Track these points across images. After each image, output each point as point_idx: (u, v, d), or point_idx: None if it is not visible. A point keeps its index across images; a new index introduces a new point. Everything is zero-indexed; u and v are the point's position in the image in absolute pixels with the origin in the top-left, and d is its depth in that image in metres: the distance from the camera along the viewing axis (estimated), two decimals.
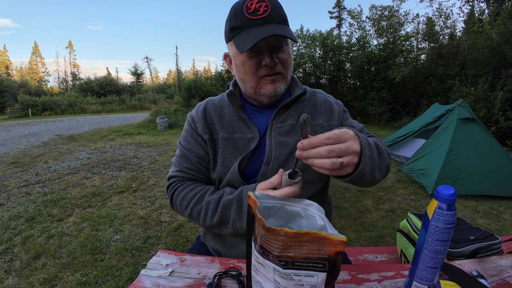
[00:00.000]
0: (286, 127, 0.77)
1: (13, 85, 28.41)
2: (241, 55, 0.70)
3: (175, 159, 0.84)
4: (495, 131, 6.37)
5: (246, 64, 0.70)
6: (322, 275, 0.37)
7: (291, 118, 0.78)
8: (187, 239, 2.30)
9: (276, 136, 0.76)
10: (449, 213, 0.46)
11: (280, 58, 0.71)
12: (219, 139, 0.77)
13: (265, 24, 0.65)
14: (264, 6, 0.65)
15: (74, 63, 45.54)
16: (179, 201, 0.77)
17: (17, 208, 2.92)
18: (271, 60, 0.67)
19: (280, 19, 0.67)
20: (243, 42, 0.65)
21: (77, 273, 1.84)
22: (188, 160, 0.81)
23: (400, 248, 1.16)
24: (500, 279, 0.59)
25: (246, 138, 0.76)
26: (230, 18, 0.69)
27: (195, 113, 0.82)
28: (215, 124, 0.79)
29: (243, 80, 0.75)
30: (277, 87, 0.72)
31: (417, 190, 3.47)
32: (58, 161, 5.02)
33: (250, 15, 0.65)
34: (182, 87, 15.22)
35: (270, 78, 0.71)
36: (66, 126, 11.16)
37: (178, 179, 0.81)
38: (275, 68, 0.70)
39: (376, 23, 10.67)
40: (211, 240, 0.86)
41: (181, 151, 0.82)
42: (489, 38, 8.19)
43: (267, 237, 0.37)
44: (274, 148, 0.75)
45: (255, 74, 0.71)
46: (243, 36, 0.66)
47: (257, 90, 0.74)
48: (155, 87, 34.26)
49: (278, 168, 0.73)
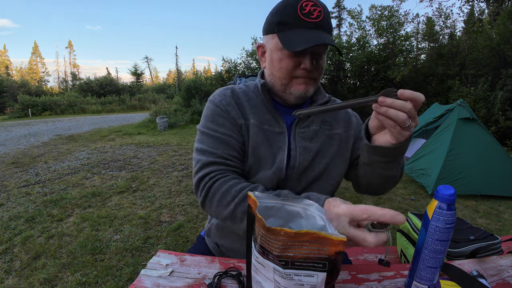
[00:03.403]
0: (309, 132, 0.76)
1: (13, 85, 28.40)
2: (281, 52, 0.68)
3: (204, 146, 0.71)
4: (495, 131, 6.37)
5: (283, 62, 0.69)
6: (322, 275, 0.37)
7: (314, 124, 0.77)
8: (187, 239, 2.30)
9: (300, 140, 0.75)
10: (449, 213, 0.46)
11: (318, 65, 0.71)
12: (250, 125, 0.73)
13: (314, 29, 0.65)
14: (318, 11, 0.65)
15: (74, 63, 45.54)
16: (219, 195, 0.64)
17: (17, 208, 2.92)
18: (311, 65, 0.68)
19: (329, 28, 0.68)
20: (291, 41, 0.64)
21: (77, 273, 1.84)
22: (229, 145, 0.71)
23: (400, 248, 1.16)
24: (500, 279, 0.59)
25: (275, 132, 0.74)
26: (280, 12, 0.67)
27: (222, 97, 0.76)
28: (245, 109, 0.75)
29: (274, 75, 0.73)
30: (308, 89, 0.72)
31: (417, 190, 3.47)
32: (58, 161, 5.02)
33: (304, 16, 0.64)
34: (182, 87, 15.24)
35: (304, 80, 0.71)
36: (66, 126, 11.16)
37: (219, 168, 0.69)
38: (312, 73, 0.70)
39: (376, 23, 10.68)
40: (215, 236, 0.84)
41: (215, 135, 0.71)
42: (489, 38, 8.19)
43: (267, 237, 0.37)
44: (298, 153, 0.73)
45: (290, 73, 0.70)
46: (291, 34, 0.65)
47: (286, 88, 0.73)
48: (155, 87, 34.25)
49: (301, 174, 0.73)
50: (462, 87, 7.81)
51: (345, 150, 0.80)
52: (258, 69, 12.45)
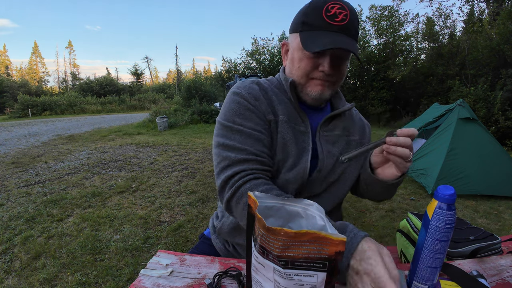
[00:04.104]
0: (333, 137, 0.77)
1: (13, 85, 28.42)
2: (302, 51, 0.68)
3: (232, 142, 0.66)
4: (495, 131, 6.38)
5: (303, 62, 0.69)
6: (322, 275, 0.37)
7: (337, 129, 0.78)
8: (187, 239, 2.30)
9: (325, 144, 0.76)
10: (449, 213, 0.46)
11: (338, 69, 0.70)
12: (279, 121, 0.71)
13: (338, 33, 0.64)
14: (343, 14, 0.64)
15: (74, 63, 45.55)
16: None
17: (17, 208, 2.92)
18: (329, 69, 0.67)
19: (354, 32, 0.67)
20: (311, 42, 0.64)
21: (77, 273, 1.84)
22: (259, 141, 0.67)
23: (400, 248, 1.16)
24: (500, 279, 0.59)
25: (300, 131, 0.73)
26: (306, 12, 0.67)
27: (250, 90, 0.73)
28: (274, 105, 0.73)
29: (293, 74, 0.73)
30: (324, 91, 0.71)
31: (417, 190, 3.47)
32: (58, 161, 5.02)
33: (328, 19, 0.64)
34: (182, 87, 15.24)
35: (321, 82, 0.70)
36: (66, 126, 11.16)
37: (250, 166, 0.64)
38: (329, 77, 0.70)
39: (376, 23, 10.69)
40: (228, 234, 0.81)
41: (244, 130, 0.67)
42: (489, 38, 8.20)
43: (267, 237, 0.37)
44: (325, 156, 0.74)
45: (307, 74, 0.70)
46: (313, 35, 0.66)
47: (303, 88, 0.73)
48: (155, 87, 34.27)
49: (325, 176, 0.75)
50: (462, 87, 7.82)
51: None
52: (258, 69, 12.46)
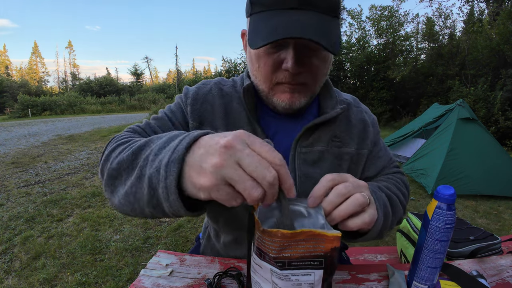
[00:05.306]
0: (313, 154, 0.59)
1: (13, 85, 28.45)
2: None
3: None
4: (495, 131, 6.38)
5: (261, 60, 0.51)
6: (319, 273, 0.37)
7: (320, 143, 0.60)
8: (187, 239, 2.30)
9: (301, 164, 0.58)
10: (449, 213, 0.46)
11: (310, 65, 0.50)
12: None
13: (298, 10, 0.44)
14: None
15: (74, 63, 45.55)
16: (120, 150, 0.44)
17: (17, 208, 2.92)
18: (293, 67, 0.47)
19: (325, 4, 0.45)
20: (257, 32, 0.46)
21: (77, 273, 1.84)
22: (162, 123, 0.59)
23: (400, 248, 1.16)
24: (500, 279, 0.59)
25: None
26: None
27: (195, 90, 0.62)
28: (216, 114, 0.59)
29: (255, 76, 0.56)
30: (294, 100, 0.53)
31: (417, 190, 3.47)
32: (58, 161, 5.02)
33: None
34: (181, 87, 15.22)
35: (288, 87, 0.52)
36: (66, 126, 11.16)
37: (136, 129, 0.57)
38: (297, 76, 0.51)
39: (376, 23, 10.70)
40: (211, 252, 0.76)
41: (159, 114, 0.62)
42: (488, 38, 8.21)
43: (263, 239, 0.37)
44: (299, 182, 0.57)
45: (270, 76, 0.52)
46: (264, 18, 0.46)
47: (269, 96, 0.56)
48: (155, 87, 34.22)
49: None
50: (462, 87, 7.82)
51: (355, 172, 0.64)
52: None
